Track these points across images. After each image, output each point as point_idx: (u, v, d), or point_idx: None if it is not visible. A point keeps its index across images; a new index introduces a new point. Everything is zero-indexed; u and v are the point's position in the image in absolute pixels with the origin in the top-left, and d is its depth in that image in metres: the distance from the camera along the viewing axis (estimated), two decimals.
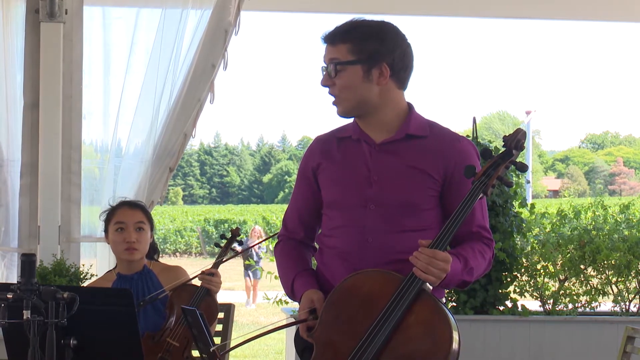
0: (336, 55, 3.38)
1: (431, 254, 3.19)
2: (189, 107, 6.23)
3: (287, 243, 3.67)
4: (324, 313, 3.34)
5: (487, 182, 3.26)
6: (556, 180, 75.73)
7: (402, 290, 3.20)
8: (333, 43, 3.39)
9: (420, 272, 3.19)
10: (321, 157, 3.55)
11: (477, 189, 3.25)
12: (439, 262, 3.19)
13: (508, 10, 7.70)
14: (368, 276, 3.32)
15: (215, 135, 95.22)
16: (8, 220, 6.29)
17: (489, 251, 3.47)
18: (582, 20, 10.13)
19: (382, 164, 3.42)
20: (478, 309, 6.95)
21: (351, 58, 3.36)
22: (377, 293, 3.24)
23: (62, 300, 3.27)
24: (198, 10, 6.28)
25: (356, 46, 3.37)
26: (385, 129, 3.44)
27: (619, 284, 7.26)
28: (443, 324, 3.18)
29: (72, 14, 6.27)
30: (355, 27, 3.40)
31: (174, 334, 4.64)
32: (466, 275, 3.34)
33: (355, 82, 3.38)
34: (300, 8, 8.29)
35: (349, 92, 3.39)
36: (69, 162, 6.26)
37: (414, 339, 3.19)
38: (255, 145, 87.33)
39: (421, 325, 3.19)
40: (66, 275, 5.69)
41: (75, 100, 6.29)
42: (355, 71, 3.37)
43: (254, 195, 78.50)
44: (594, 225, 7.37)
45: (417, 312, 3.20)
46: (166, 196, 6.98)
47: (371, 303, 3.24)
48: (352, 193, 3.44)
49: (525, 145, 3.37)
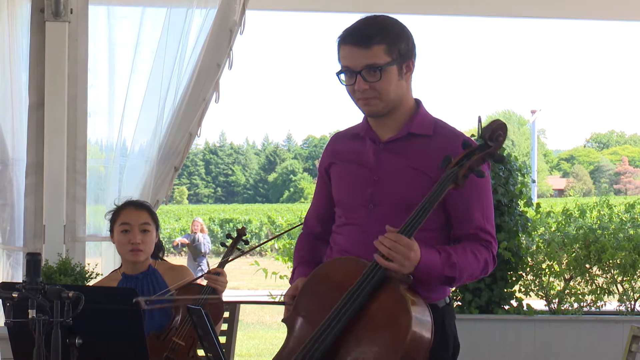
0: (373, 58, 3.33)
1: (395, 238, 3.15)
2: (194, 106, 6.23)
3: (304, 237, 3.73)
4: (298, 298, 3.37)
5: (458, 171, 3.20)
6: (561, 179, 75.67)
7: (364, 277, 3.18)
8: (368, 45, 3.33)
9: (380, 259, 3.15)
10: (332, 156, 3.58)
11: (447, 178, 3.20)
12: (402, 247, 3.14)
13: (514, 9, 7.69)
14: (342, 263, 3.34)
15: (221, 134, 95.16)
16: (13, 220, 6.30)
17: (485, 252, 3.37)
18: (588, 19, 10.12)
19: (384, 163, 3.42)
20: (483, 308, 6.94)
21: (389, 59, 3.34)
22: (347, 280, 3.22)
23: (68, 300, 3.27)
24: (203, 9, 6.28)
25: (391, 46, 3.34)
26: (395, 126, 3.43)
27: (625, 283, 7.26)
28: (403, 313, 3.11)
29: (77, 13, 6.28)
30: (385, 27, 3.37)
31: (179, 333, 4.64)
32: (448, 270, 3.25)
33: (394, 82, 3.37)
34: (305, 7, 8.29)
35: (389, 93, 3.37)
36: (74, 162, 6.27)
37: (374, 326, 3.16)
38: (260, 145, 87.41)
39: (382, 312, 3.15)
40: (71, 275, 5.69)
41: (81, 100, 6.30)
42: (393, 71, 3.36)
43: (259, 194, 78.55)
44: (600, 224, 7.36)
45: (380, 300, 3.16)
46: (171, 195, 6.98)
47: (339, 290, 3.22)
48: (355, 192, 3.45)
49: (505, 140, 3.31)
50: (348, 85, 3.38)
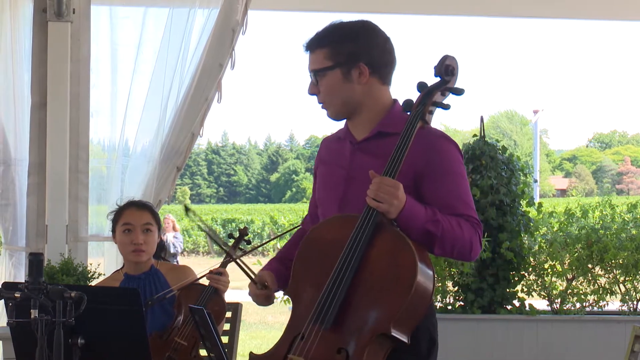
0: (315, 63, 3.43)
1: (379, 179, 3.22)
2: (197, 106, 6.24)
3: (296, 233, 3.81)
4: (294, 268, 3.40)
5: (423, 109, 3.33)
6: (564, 179, 75.62)
7: (360, 225, 3.23)
8: (312, 50, 3.44)
9: (371, 200, 3.21)
10: (319, 159, 3.67)
11: (414, 118, 3.32)
12: (387, 186, 3.20)
13: (515, 9, 7.70)
14: (329, 223, 3.39)
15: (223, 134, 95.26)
16: (16, 220, 6.31)
17: (471, 228, 3.35)
18: (590, 19, 10.12)
19: (357, 163, 3.46)
20: (485, 309, 6.95)
21: (329, 63, 3.40)
22: (340, 236, 3.27)
23: (70, 300, 3.27)
24: (205, 9, 6.29)
25: (332, 50, 3.40)
26: (369, 127, 3.47)
27: (627, 283, 7.25)
28: (405, 250, 3.18)
29: (80, 13, 6.29)
30: (330, 31, 3.44)
31: (181, 333, 4.64)
32: (430, 225, 3.26)
33: (336, 85, 3.42)
34: (307, 7, 8.29)
35: (333, 96, 3.44)
36: (76, 161, 6.28)
37: (380, 270, 3.20)
38: (262, 145, 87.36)
39: (384, 255, 3.21)
40: (74, 275, 5.69)
41: (83, 100, 6.30)
42: (334, 75, 3.41)
43: (262, 194, 78.53)
44: (602, 224, 7.36)
45: (378, 245, 3.22)
46: (173, 195, 6.98)
47: (335, 247, 3.27)
48: (330, 191, 3.52)
49: (457, 69, 3.42)
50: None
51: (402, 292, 3.15)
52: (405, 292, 3.14)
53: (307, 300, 3.31)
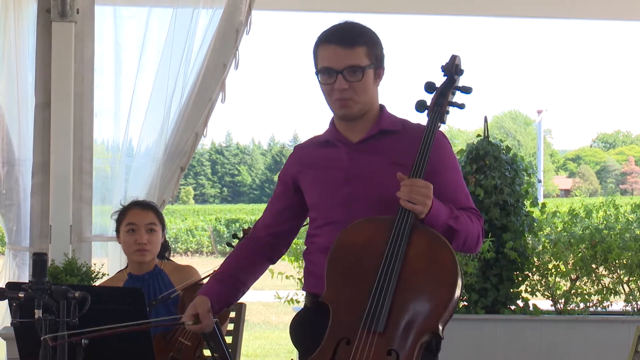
0: (356, 59, 3.46)
1: (410, 182, 3.29)
2: (200, 106, 6.25)
3: (244, 241, 3.84)
4: (328, 275, 3.39)
5: (440, 110, 3.45)
6: (567, 179, 75.52)
7: (397, 227, 3.29)
8: (352, 46, 3.45)
9: (406, 202, 3.27)
10: (300, 165, 3.68)
11: (434, 119, 3.44)
12: (420, 188, 3.28)
13: (519, 9, 7.69)
14: (358, 227, 3.40)
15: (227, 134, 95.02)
16: (20, 220, 6.31)
17: (477, 220, 3.50)
18: (594, 19, 10.10)
19: (359, 162, 3.52)
20: (489, 309, 6.94)
21: (368, 62, 3.47)
22: (374, 238, 3.32)
23: (74, 300, 3.28)
24: (209, 9, 6.30)
25: (370, 50, 3.48)
26: (364, 129, 3.56)
27: (631, 284, 7.24)
28: (442, 248, 3.28)
29: (84, 13, 6.30)
30: (363, 32, 3.51)
31: (185, 333, 4.64)
32: (452, 221, 3.37)
33: (369, 84, 3.51)
34: (311, 8, 8.29)
35: (364, 94, 3.50)
36: (80, 162, 6.29)
37: (421, 270, 3.26)
38: (266, 145, 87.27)
39: (423, 255, 3.28)
40: (77, 275, 5.69)
41: (87, 100, 6.31)
42: (370, 75, 3.50)
43: (266, 194, 78.40)
44: (606, 224, 7.35)
45: (415, 244, 3.28)
46: (177, 195, 7.00)
47: (371, 249, 3.31)
48: (330, 193, 3.55)
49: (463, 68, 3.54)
50: (327, 84, 3.50)
51: (447, 290, 3.24)
52: (451, 290, 3.24)
53: (349, 305, 3.31)
